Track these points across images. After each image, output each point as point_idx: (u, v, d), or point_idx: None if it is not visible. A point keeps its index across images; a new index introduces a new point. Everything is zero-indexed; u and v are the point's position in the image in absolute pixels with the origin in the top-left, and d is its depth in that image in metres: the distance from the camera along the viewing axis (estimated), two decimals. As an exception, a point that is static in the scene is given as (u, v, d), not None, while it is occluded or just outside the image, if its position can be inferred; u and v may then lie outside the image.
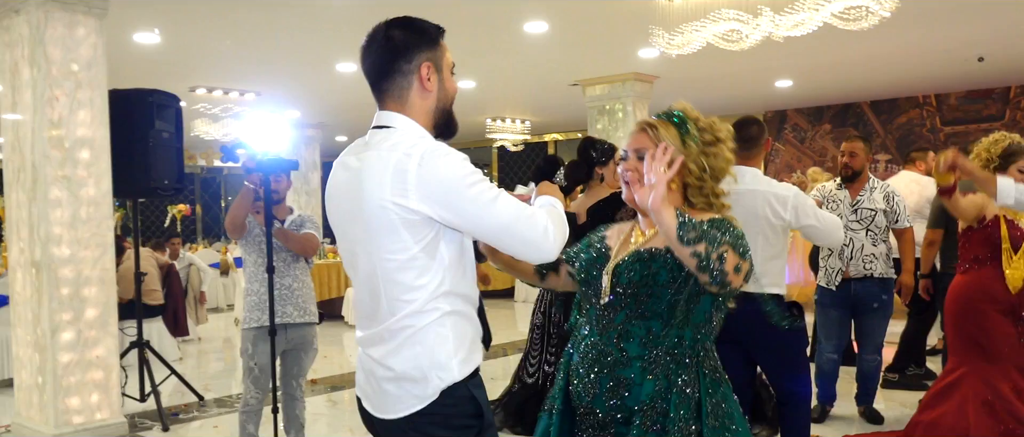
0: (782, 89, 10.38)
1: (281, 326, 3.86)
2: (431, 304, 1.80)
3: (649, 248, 2.05)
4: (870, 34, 6.59)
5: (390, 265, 1.79)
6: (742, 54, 7.42)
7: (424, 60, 1.86)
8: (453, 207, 1.75)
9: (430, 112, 1.89)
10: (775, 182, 3.45)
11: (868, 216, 4.62)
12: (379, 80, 1.89)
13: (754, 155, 3.53)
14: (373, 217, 1.78)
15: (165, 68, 7.85)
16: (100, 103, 4.80)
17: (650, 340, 2.00)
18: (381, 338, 1.85)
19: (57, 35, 4.60)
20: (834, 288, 4.67)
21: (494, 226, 1.77)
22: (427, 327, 1.80)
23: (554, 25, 6.62)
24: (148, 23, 6.23)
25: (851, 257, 4.61)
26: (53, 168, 4.59)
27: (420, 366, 1.79)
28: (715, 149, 2.11)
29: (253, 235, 3.88)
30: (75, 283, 4.67)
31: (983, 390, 3.73)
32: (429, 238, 1.78)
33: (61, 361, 4.62)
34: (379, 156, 1.78)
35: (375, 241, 1.79)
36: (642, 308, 2.01)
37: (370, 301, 1.86)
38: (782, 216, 3.35)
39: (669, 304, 1.99)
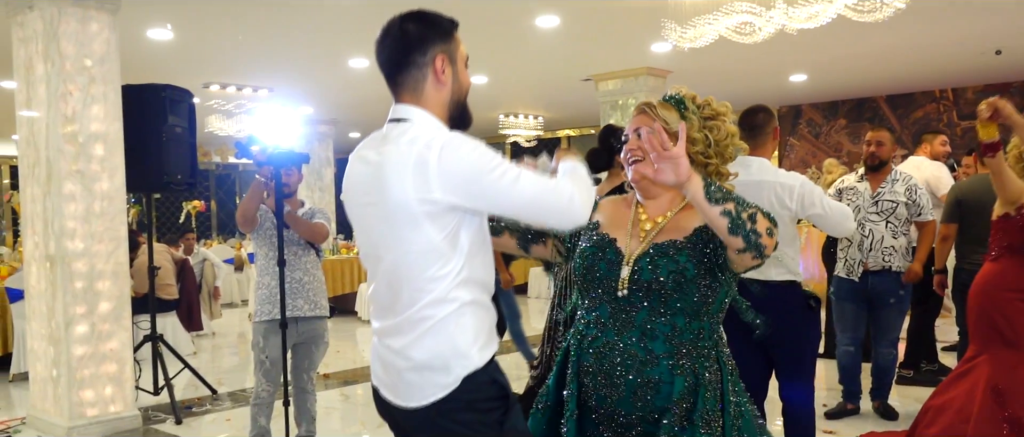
0: (797, 83, 10.31)
1: (292, 319, 3.87)
2: (452, 293, 1.82)
3: (672, 241, 2.00)
4: (885, 27, 6.53)
5: (412, 256, 1.81)
6: (755, 48, 7.37)
7: (438, 53, 1.88)
8: (478, 193, 1.77)
9: (445, 104, 1.91)
10: (782, 171, 3.42)
11: (889, 208, 4.57)
12: (394, 73, 1.91)
13: (761, 144, 3.49)
14: (396, 210, 1.80)
15: (178, 64, 7.89)
16: (114, 98, 4.83)
17: (674, 335, 1.96)
18: (400, 329, 1.86)
19: (70, 30, 4.63)
20: (856, 279, 4.63)
21: (520, 203, 1.80)
22: (447, 317, 1.82)
23: (566, 19, 6.60)
24: (161, 19, 6.26)
25: (871, 249, 4.58)
26: (67, 163, 4.63)
27: (441, 356, 1.81)
28: (715, 122, 2.10)
29: (264, 228, 3.89)
30: (89, 277, 4.71)
31: (996, 375, 3.65)
32: (451, 228, 1.80)
33: (75, 354, 4.66)
34: (399, 151, 1.79)
35: (397, 233, 1.82)
36: (667, 304, 1.96)
37: (389, 293, 1.88)
38: (788, 205, 3.32)
39: (687, 296, 1.95)
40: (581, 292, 2.14)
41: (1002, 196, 3.67)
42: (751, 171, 3.38)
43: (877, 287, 4.60)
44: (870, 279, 4.60)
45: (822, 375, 5.52)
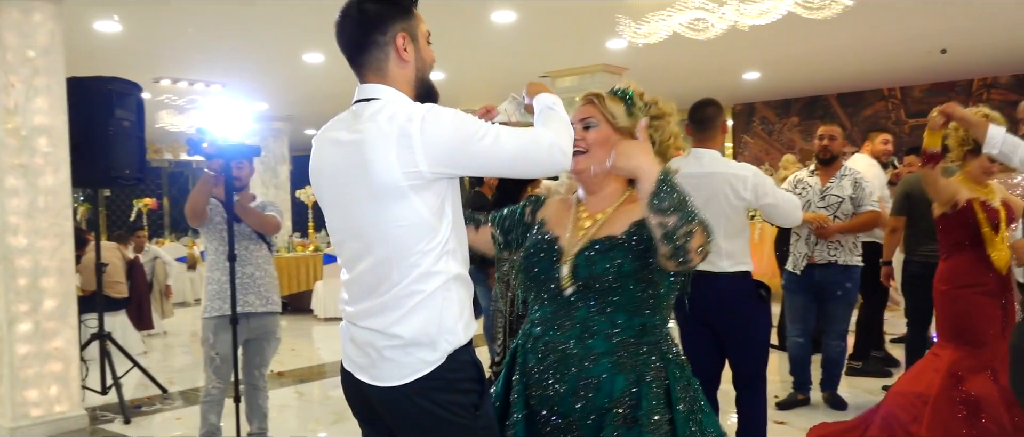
0: (750, 81, 10.46)
1: (243, 315, 3.81)
2: (440, 265, 1.82)
3: (609, 236, 1.99)
4: (834, 26, 6.67)
5: (399, 231, 1.80)
6: (709, 46, 7.48)
7: (399, 30, 1.87)
8: (463, 159, 1.79)
9: (410, 81, 1.90)
10: (733, 163, 3.47)
11: (835, 202, 4.66)
12: (356, 54, 1.90)
13: (710, 137, 3.53)
14: (381, 188, 1.78)
15: (128, 58, 7.72)
16: (58, 90, 4.71)
17: (615, 333, 1.94)
18: (386, 307, 1.84)
19: (12, 20, 4.50)
20: (799, 273, 4.71)
21: (506, 161, 1.83)
22: (436, 291, 1.82)
23: (522, 15, 6.61)
24: (108, 11, 6.12)
25: (817, 243, 4.66)
26: (9, 156, 4.50)
27: (428, 332, 1.80)
28: (660, 122, 2.11)
29: (214, 223, 3.82)
30: (33, 273, 4.58)
31: (958, 365, 3.75)
32: (438, 199, 1.81)
33: (18, 353, 4.53)
34: (378, 128, 1.78)
35: (384, 211, 1.80)
36: (606, 300, 1.94)
37: (374, 273, 1.85)
38: (742, 196, 3.37)
39: (625, 293, 1.94)
40: (523, 291, 2.12)
41: (937, 200, 3.84)
42: (703, 163, 3.42)
43: (824, 280, 4.68)
44: (817, 272, 4.68)
45: (774, 367, 5.62)
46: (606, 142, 2.03)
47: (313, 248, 10.43)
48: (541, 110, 2.00)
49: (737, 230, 3.42)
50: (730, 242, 3.40)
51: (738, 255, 3.43)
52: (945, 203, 3.79)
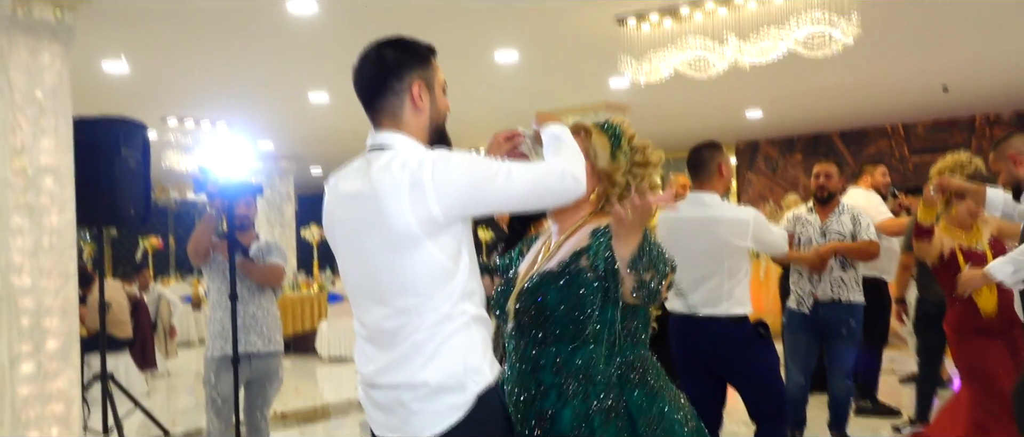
0: (753, 120, 10.51)
1: (245, 355, 3.80)
2: (458, 308, 1.81)
3: (546, 270, 2.00)
4: (836, 63, 6.71)
5: (419, 279, 1.80)
6: (712, 84, 7.53)
7: (415, 79, 1.89)
8: (477, 201, 1.79)
9: (424, 130, 1.91)
10: (733, 206, 3.49)
11: (836, 240, 4.64)
12: (372, 99, 1.92)
13: (707, 180, 3.54)
14: (397, 237, 1.78)
15: (135, 98, 7.80)
16: (65, 130, 4.73)
17: (560, 365, 1.94)
18: (406, 357, 1.81)
19: (21, 61, 4.54)
20: (806, 311, 4.66)
21: (519, 197, 1.83)
22: (456, 332, 1.80)
23: (525, 54, 6.67)
24: (115, 50, 6.20)
25: (821, 280, 4.62)
26: (15, 195, 4.51)
27: (454, 374, 1.79)
28: (643, 171, 2.12)
29: (217, 262, 3.83)
30: (36, 313, 4.57)
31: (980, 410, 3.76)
32: (454, 244, 1.81)
33: (20, 394, 4.50)
34: (392, 177, 1.78)
35: (401, 259, 1.79)
36: (543, 333, 1.96)
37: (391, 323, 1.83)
38: (742, 243, 3.37)
39: (566, 324, 1.94)
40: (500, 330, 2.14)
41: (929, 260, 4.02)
42: (703, 207, 3.43)
43: (828, 318, 4.62)
44: (821, 310, 4.63)
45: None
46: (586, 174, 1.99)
47: (318, 287, 10.42)
48: (549, 140, 1.99)
49: (738, 274, 3.42)
50: (732, 285, 3.40)
51: (738, 297, 3.42)
52: (934, 259, 3.89)
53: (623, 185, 2.07)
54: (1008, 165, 3.41)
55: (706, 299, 3.49)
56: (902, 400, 5.89)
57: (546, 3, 5.42)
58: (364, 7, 5.38)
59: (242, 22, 5.50)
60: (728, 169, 3.60)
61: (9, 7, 4.49)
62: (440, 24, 5.83)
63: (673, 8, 5.46)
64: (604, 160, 2.06)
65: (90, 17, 5.04)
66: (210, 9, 5.22)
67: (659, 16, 5.57)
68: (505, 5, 5.45)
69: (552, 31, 6.05)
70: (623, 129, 2.12)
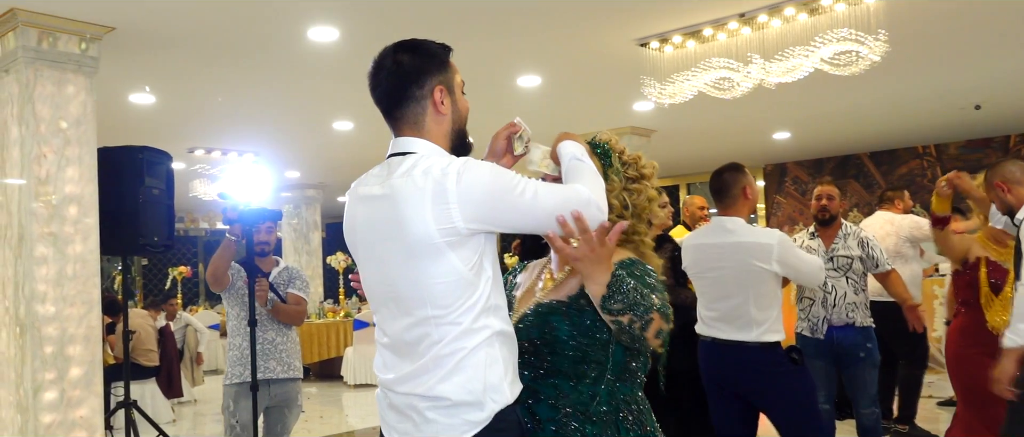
0: (781, 141, 10.38)
1: (264, 382, 3.77)
2: (480, 321, 1.75)
3: (549, 301, 1.94)
4: (864, 82, 6.61)
5: (438, 289, 1.74)
6: (738, 106, 7.44)
7: (436, 84, 1.85)
8: (500, 215, 1.72)
9: (446, 134, 1.87)
10: (758, 230, 3.40)
11: (845, 264, 4.51)
12: (392, 108, 1.87)
13: (730, 204, 3.46)
14: (417, 245, 1.73)
15: (163, 129, 7.89)
16: (89, 160, 4.79)
17: (559, 400, 1.88)
18: (426, 369, 1.76)
19: (46, 93, 4.61)
20: (821, 336, 4.53)
21: (543, 218, 1.74)
22: (477, 348, 1.74)
23: (547, 79, 6.65)
24: (139, 82, 6.27)
25: (834, 305, 4.49)
26: (40, 225, 4.56)
27: (474, 390, 1.73)
28: (638, 186, 2.03)
29: (236, 288, 3.82)
30: (60, 341, 4.59)
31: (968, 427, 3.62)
32: (476, 255, 1.75)
33: (43, 422, 4.51)
34: (413, 183, 1.74)
35: (421, 268, 1.74)
36: (545, 365, 1.89)
37: (412, 334, 1.78)
38: (768, 267, 3.28)
39: (574, 360, 1.87)
40: None
41: (950, 257, 3.91)
42: (726, 233, 3.35)
43: (843, 342, 4.47)
44: (835, 335, 4.48)
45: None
46: None
47: (344, 314, 10.42)
48: (569, 162, 1.91)
49: (768, 300, 3.32)
50: (761, 312, 3.30)
51: (769, 324, 3.32)
52: (957, 260, 3.79)
53: (620, 205, 1.99)
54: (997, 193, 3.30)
55: (735, 326, 3.40)
56: (940, 425, 5.70)
57: (568, 28, 5.39)
58: (384, 34, 5.39)
59: (263, 50, 5.54)
60: (753, 192, 3.50)
61: (35, 39, 4.57)
62: (462, 49, 5.71)
63: (696, 30, 5.41)
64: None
65: (114, 48, 5.10)
66: (230, 38, 5.26)
67: (682, 37, 5.52)
68: (527, 30, 5.44)
69: (574, 55, 6.01)
70: (611, 145, 2.04)
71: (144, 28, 4.98)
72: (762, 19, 5.11)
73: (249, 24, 5.06)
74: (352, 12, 5.00)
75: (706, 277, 3.54)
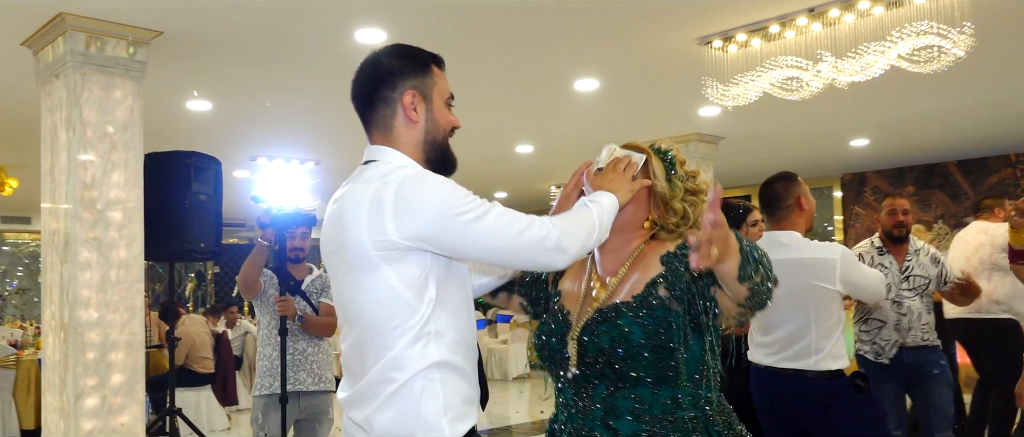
0: (858, 149, 9.85)
1: (294, 394, 3.62)
2: (414, 349, 1.59)
3: (616, 303, 1.78)
4: (948, 83, 6.15)
5: (372, 307, 1.62)
6: (811, 111, 7.05)
7: (409, 88, 1.74)
8: (444, 239, 1.58)
9: (419, 145, 1.75)
10: (818, 245, 3.06)
11: (921, 284, 4.12)
12: (364, 109, 1.79)
13: (785, 217, 3.13)
14: (354, 255, 1.62)
15: (223, 137, 7.93)
16: (135, 165, 4.76)
17: (642, 410, 1.71)
18: (364, 395, 1.64)
19: (93, 98, 4.60)
20: (886, 361, 4.13)
21: (486, 248, 1.60)
22: (412, 380, 1.59)
23: (605, 82, 6.39)
24: (190, 88, 6.26)
25: (909, 328, 4.09)
26: (84, 230, 4.54)
27: (406, 426, 1.59)
28: (695, 198, 1.92)
29: (267, 295, 3.69)
30: (102, 347, 4.55)
31: None
32: (417, 274, 1.60)
33: (84, 428, 4.47)
34: (357, 191, 1.64)
35: (358, 281, 1.63)
36: (623, 375, 1.72)
37: (356, 353, 1.68)
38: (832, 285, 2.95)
39: (650, 362, 1.70)
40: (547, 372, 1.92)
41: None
42: (781, 249, 3.03)
43: (916, 361, 4.07)
44: (907, 357, 4.08)
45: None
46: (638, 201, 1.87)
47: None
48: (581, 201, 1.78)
49: (830, 323, 2.99)
50: (822, 337, 2.97)
51: (830, 349, 2.98)
52: None
53: (681, 211, 1.88)
54: None
55: (792, 353, 3.07)
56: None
57: (625, 27, 5.14)
58: (432, 36, 5.24)
59: (309, 53, 5.45)
60: (809, 202, 3.16)
61: (82, 44, 4.56)
62: (516, 53, 5.63)
63: (761, 26, 5.08)
64: (662, 184, 1.88)
65: (164, 53, 5.08)
66: (276, 41, 5.18)
67: (746, 35, 5.19)
68: (582, 31, 5.21)
69: (632, 57, 5.74)
70: (674, 154, 1.96)
71: (192, 32, 4.94)
72: (834, 13, 4.75)
73: (296, 27, 4.97)
74: (400, 14, 4.86)
75: None
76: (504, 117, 7.56)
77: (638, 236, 1.88)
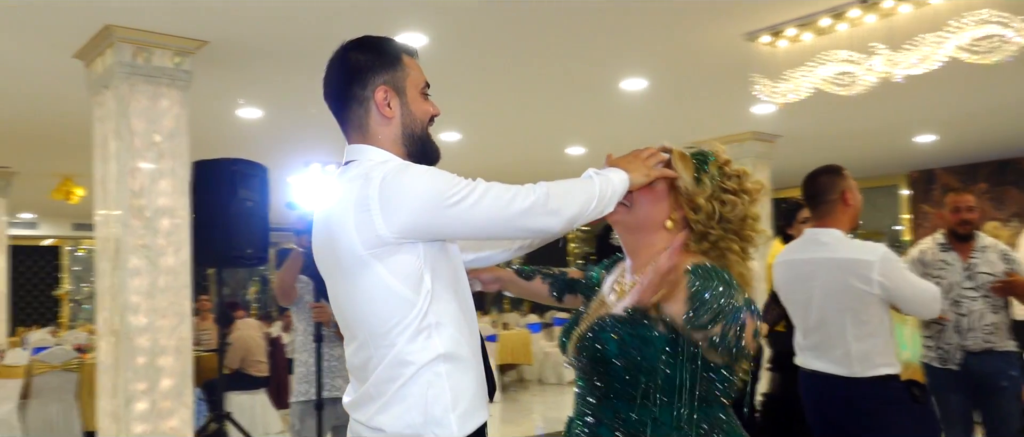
0: (924, 145, 9.47)
1: (330, 400, 3.62)
2: (417, 344, 1.56)
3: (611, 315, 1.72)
4: (1017, 74, 5.84)
5: (370, 308, 1.59)
6: (872, 106, 6.79)
7: (380, 84, 1.69)
8: (436, 226, 1.55)
9: (396, 139, 1.71)
10: (860, 244, 2.89)
11: (986, 281, 3.88)
12: (338, 110, 1.75)
13: (827, 212, 2.97)
14: (346, 258, 1.59)
15: (276, 143, 8.05)
16: (182, 173, 4.85)
17: (618, 424, 1.66)
18: (369, 396, 1.62)
19: (141, 107, 4.70)
20: (955, 367, 3.91)
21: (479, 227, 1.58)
22: (416, 376, 1.56)
23: (653, 81, 6.26)
24: (237, 96, 6.35)
25: (970, 329, 3.86)
26: (133, 237, 4.63)
27: (412, 423, 1.56)
28: (733, 198, 1.80)
29: (303, 302, 3.69)
30: (151, 352, 4.64)
31: None
32: (411, 269, 1.56)
33: (135, 432, 4.57)
34: (341, 193, 1.61)
35: (353, 283, 1.60)
36: (603, 386, 1.69)
37: (358, 355, 1.67)
38: (870, 288, 2.78)
39: (626, 380, 1.64)
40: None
41: None
42: (819, 247, 2.88)
43: (983, 369, 3.85)
44: (972, 363, 3.86)
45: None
46: (657, 201, 1.78)
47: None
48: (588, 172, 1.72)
49: (870, 327, 2.81)
50: (860, 340, 2.80)
51: (874, 357, 2.81)
52: None
53: (708, 211, 1.77)
54: None
55: (832, 357, 2.91)
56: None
57: (669, 23, 5.02)
58: (474, 39, 5.21)
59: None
60: (855, 198, 2.99)
61: (130, 55, 4.66)
62: (560, 54, 5.55)
63: (812, 20, 4.89)
64: (686, 181, 1.79)
65: (210, 63, 5.16)
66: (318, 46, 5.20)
67: (796, 29, 5.02)
68: (625, 29, 5.10)
69: (679, 54, 5.61)
70: (715, 153, 1.87)
71: (236, 41, 5.01)
72: (888, 4, 4.55)
73: (337, 32, 4.95)
74: (441, 17, 4.84)
75: (796, 299, 3.07)
76: (551, 118, 7.48)
77: (660, 238, 1.79)
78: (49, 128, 7.12)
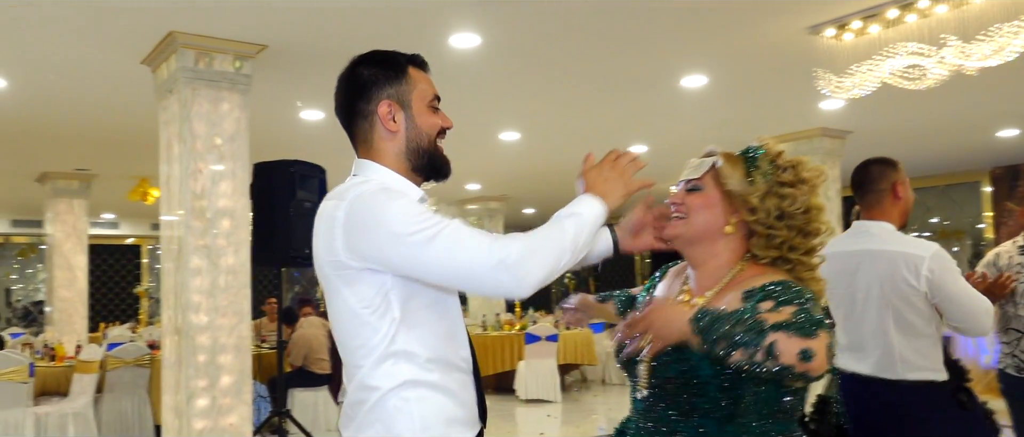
0: (1007, 139, 9.02)
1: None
2: (382, 368, 1.54)
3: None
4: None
5: (342, 325, 1.59)
6: (950, 100, 6.52)
7: (384, 98, 1.66)
8: (393, 260, 1.49)
9: (401, 154, 1.67)
10: (910, 239, 2.71)
11: None
12: (346, 126, 1.73)
13: (876, 203, 2.79)
14: (319, 273, 1.61)
15: (338, 145, 8.15)
16: (242, 175, 4.95)
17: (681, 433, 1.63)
18: (346, 415, 1.63)
19: (202, 111, 4.82)
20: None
21: (437, 272, 1.48)
22: (382, 401, 1.54)
23: (714, 77, 6.11)
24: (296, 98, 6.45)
25: None
26: (195, 238, 4.76)
27: None
28: (791, 191, 1.69)
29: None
30: (211, 350, 4.76)
31: None
32: (375, 295, 1.53)
33: (195, 428, 4.69)
34: (323, 208, 1.61)
35: (329, 299, 1.62)
36: (687, 406, 1.61)
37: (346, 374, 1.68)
38: (914, 283, 2.61)
39: (716, 400, 1.57)
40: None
41: None
42: (869, 239, 2.73)
43: None
44: None
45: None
46: (711, 207, 1.71)
47: (519, 327, 10.31)
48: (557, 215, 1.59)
49: (915, 327, 2.64)
50: (904, 342, 2.63)
51: (917, 360, 2.64)
52: None
53: (766, 209, 1.69)
54: None
55: (873, 359, 2.75)
56: None
57: (728, 19, 4.88)
58: (526, 40, 5.17)
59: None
60: (906, 192, 2.81)
61: (192, 60, 4.77)
62: (616, 52, 5.47)
63: (878, 11, 4.69)
64: (735, 183, 1.71)
65: (270, 66, 5.25)
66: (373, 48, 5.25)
67: (862, 21, 4.82)
68: (683, 25, 4.99)
69: (740, 49, 5.46)
70: (767, 149, 1.77)
71: (295, 45, 5.09)
72: (960, -7, 4.34)
73: (392, 34, 5.01)
74: (495, 18, 4.82)
75: (838, 293, 2.89)
76: (611, 117, 7.39)
77: (725, 247, 1.72)
78: (123, 133, 7.38)
